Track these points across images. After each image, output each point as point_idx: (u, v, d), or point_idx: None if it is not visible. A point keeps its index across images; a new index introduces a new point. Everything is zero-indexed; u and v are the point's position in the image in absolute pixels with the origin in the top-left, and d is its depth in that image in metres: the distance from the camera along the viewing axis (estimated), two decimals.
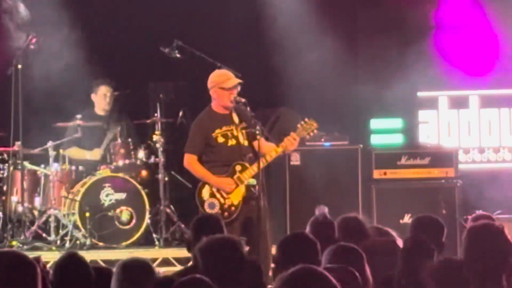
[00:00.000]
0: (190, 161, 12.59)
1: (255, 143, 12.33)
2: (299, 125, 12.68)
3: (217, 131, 12.56)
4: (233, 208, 12.30)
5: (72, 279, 6.94)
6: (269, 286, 7.56)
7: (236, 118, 12.65)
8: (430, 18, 16.09)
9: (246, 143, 12.53)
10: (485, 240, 6.66)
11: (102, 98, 15.59)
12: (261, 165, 12.10)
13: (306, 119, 12.74)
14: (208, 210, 12.33)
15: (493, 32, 16.14)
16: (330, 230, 8.73)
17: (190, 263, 9.09)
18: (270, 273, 10.35)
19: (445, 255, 7.70)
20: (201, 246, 6.99)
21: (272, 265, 10.63)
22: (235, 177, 12.38)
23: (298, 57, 15.35)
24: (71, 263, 7.06)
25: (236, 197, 12.40)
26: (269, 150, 12.40)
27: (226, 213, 12.30)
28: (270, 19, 15.75)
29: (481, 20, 16.17)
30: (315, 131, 12.73)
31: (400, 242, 8.72)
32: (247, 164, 12.40)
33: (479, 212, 10.11)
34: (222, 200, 12.48)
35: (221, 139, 12.57)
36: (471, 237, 6.70)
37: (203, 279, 5.42)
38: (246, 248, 10.54)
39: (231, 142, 12.56)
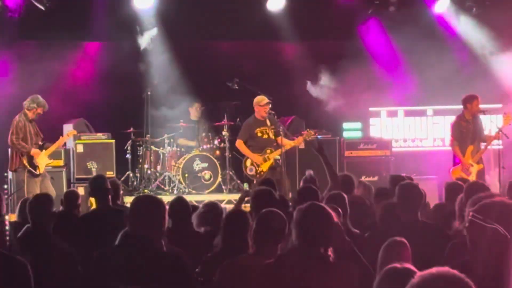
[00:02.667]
0: (239, 143, 12.97)
1: (279, 138, 12.49)
2: (304, 132, 12.99)
3: (258, 129, 12.76)
4: (262, 172, 12.62)
5: (180, 211, 7.08)
6: None
7: (268, 122, 12.85)
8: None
9: (273, 137, 12.71)
10: (409, 191, 6.63)
11: (195, 109, 15.57)
12: (282, 151, 12.34)
13: (308, 129, 13.06)
14: (248, 173, 12.60)
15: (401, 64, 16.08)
16: (314, 183, 8.65)
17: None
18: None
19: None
20: (253, 192, 7.49)
21: (290, 204, 10.74)
22: (265, 156, 12.65)
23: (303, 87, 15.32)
24: (179, 202, 7.25)
25: (265, 167, 12.67)
26: (286, 143, 12.68)
27: (258, 175, 12.69)
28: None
29: (395, 57, 16.09)
30: (312, 136, 12.77)
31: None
32: (273, 149, 12.67)
33: (403, 174, 9.95)
34: (257, 168, 12.72)
35: (259, 134, 12.77)
36: (401, 189, 6.66)
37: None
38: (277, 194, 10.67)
39: (265, 136, 12.78)
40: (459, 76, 14.96)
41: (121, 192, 9.13)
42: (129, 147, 14.98)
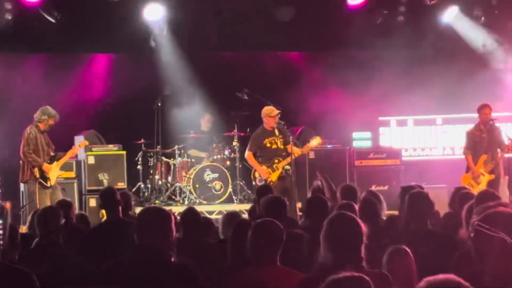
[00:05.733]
0: (249, 156, 12.80)
1: (288, 147, 12.41)
2: (311, 139, 12.80)
3: (266, 140, 12.65)
4: (271, 182, 12.39)
5: (190, 221, 7.10)
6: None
7: (277, 132, 12.74)
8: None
9: (282, 146, 12.61)
10: (418, 199, 6.62)
11: (206, 121, 15.58)
12: (291, 159, 12.24)
13: (315, 136, 12.85)
14: (258, 183, 12.51)
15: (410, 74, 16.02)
16: (322, 192, 8.91)
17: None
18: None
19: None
20: (263, 201, 7.40)
21: (300, 213, 10.81)
22: (274, 166, 12.56)
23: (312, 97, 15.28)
24: (190, 212, 7.26)
25: (274, 177, 12.53)
26: (295, 151, 12.49)
27: None
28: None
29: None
30: (319, 144, 12.79)
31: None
32: (281, 159, 12.55)
33: (413, 183, 9.89)
34: (266, 178, 12.63)
35: (268, 144, 12.65)
36: (410, 198, 6.65)
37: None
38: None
39: (274, 146, 12.65)
40: (468, 85, 14.89)
41: (133, 203, 9.10)
42: (140, 158, 14.99)
